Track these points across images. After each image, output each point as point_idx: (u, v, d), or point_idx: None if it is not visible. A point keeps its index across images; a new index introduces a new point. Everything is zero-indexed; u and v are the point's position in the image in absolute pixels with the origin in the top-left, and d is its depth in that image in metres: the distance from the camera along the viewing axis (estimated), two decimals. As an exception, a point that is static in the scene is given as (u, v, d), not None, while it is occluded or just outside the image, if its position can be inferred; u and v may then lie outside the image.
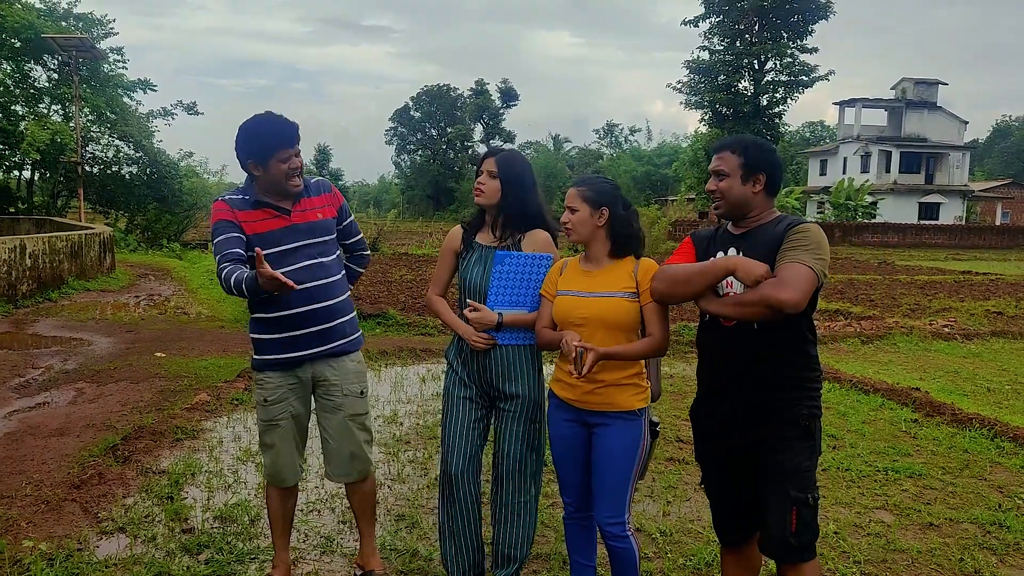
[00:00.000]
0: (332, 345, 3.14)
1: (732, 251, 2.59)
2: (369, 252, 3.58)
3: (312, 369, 3.14)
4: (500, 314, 2.99)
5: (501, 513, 3.15)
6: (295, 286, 2.75)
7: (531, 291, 3.03)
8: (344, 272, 3.26)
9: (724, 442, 2.68)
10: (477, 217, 3.20)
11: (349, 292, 3.27)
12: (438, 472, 3.33)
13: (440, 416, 3.30)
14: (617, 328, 2.77)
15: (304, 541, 3.75)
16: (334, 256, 3.19)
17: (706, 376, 2.75)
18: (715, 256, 2.62)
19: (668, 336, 2.78)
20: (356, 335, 3.27)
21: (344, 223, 3.29)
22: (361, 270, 3.50)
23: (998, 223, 50.65)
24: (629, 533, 2.85)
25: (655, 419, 2.95)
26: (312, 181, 3.19)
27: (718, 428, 2.69)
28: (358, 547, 3.47)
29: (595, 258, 2.88)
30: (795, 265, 2.39)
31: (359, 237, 3.44)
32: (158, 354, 8.32)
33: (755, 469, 2.60)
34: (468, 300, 3.05)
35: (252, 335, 3.16)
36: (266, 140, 2.93)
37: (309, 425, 3.32)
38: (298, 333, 3.06)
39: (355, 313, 3.31)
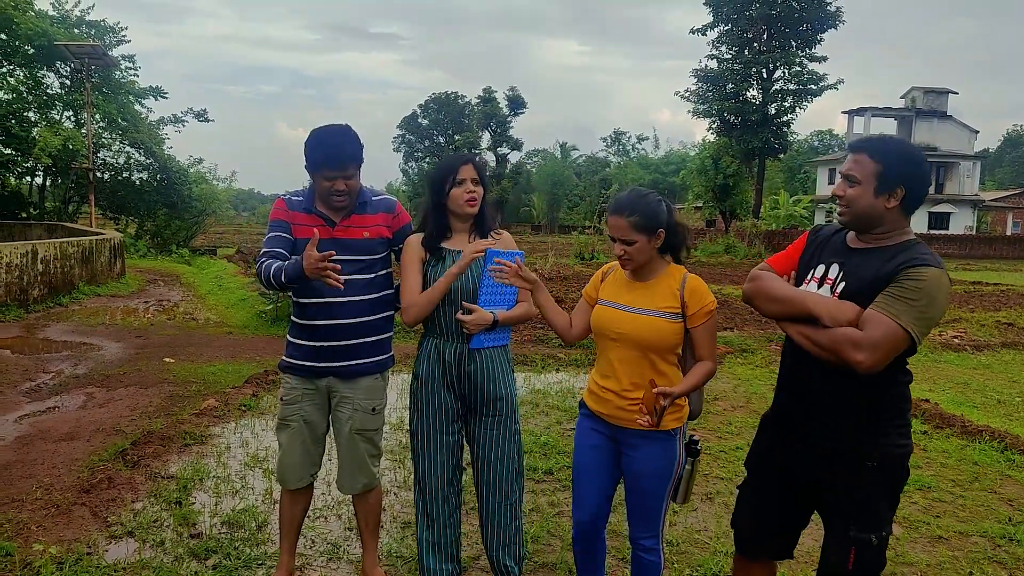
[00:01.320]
0: (348, 364, 3.12)
1: (834, 268, 2.37)
2: None
3: (327, 381, 3.16)
4: (494, 313, 2.97)
5: (491, 519, 3.13)
6: (339, 282, 2.71)
7: (510, 289, 3.01)
8: (386, 293, 3.19)
9: (783, 461, 2.54)
10: (438, 225, 3.08)
11: (390, 313, 3.22)
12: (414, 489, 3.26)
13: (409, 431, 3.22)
14: (651, 348, 2.66)
15: (311, 547, 3.76)
16: (373, 275, 3.13)
17: (781, 388, 2.58)
18: (816, 268, 2.42)
19: (717, 357, 2.73)
20: (381, 357, 3.21)
21: (398, 246, 3.22)
22: None
23: (1008, 233, 50.43)
24: (660, 547, 2.83)
25: (695, 437, 2.81)
26: (376, 198, 3.16)
27: (781, 445, 2.55)
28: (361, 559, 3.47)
29: (644, 272, 2.74)
30: (885, 321, 2.13)
31: None
32: (167, 359, 8.36)
33: (812, 497, 2.49)
34: (463, 303, 2.97)
35: (287, 336, 3.21)
36: (317, 156, 2.96)
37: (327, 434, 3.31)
38: (318, 345, 3.08)
39: (390, 335, 3.26)
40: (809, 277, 2.45)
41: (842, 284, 2.33)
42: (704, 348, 2.68)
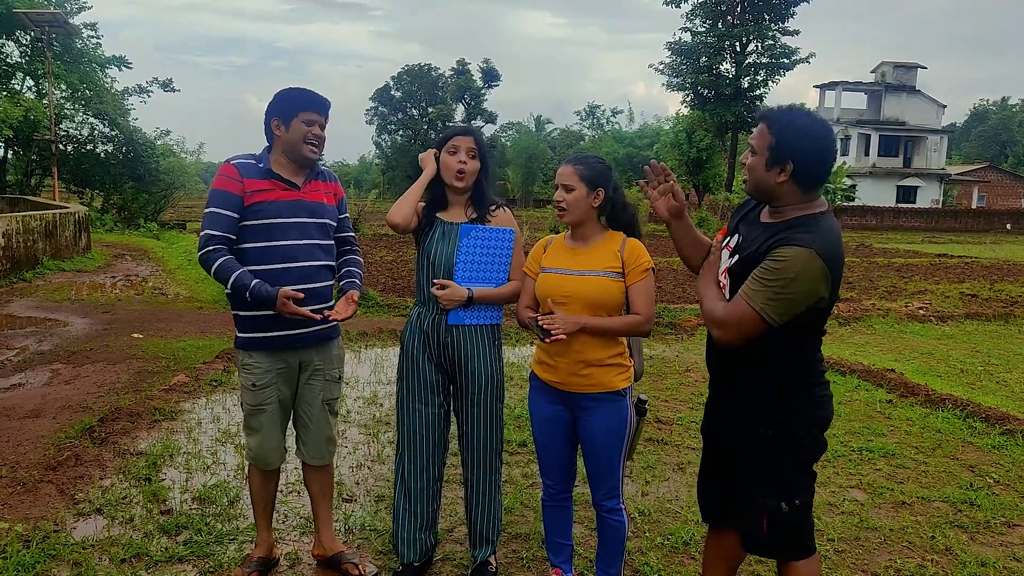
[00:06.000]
0: (317, 328, 3.10)
1: (737, 238, 2.43)
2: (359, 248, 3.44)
3: (299, 354, 3.13)
4: (470, 290, 2.96)
5: (473, 493, 3.17)
6: (314, 316, 2.91)
7: (496, 266, 3.01)
8: (334, 260, 3.21)
9: (710, 428, 2.64)
10: (434, 194, 3.08)
11: (334, 280, 3.24)
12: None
13: (395, 403, 3.25)
14: (600, 307, 2.75)
15: (284, 522, 3.75)
16: (331, 242, 3.18)
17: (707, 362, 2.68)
18: (732, 236, 2.47)
19: (653, 317, 2.79)
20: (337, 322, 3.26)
21: (340, 216, 3.24)
22: (360, 260, 3.38)
23: (974, 206, 51.25)
24: (623, 507, 2.92)
25: (642, 397, 2.96)
26: (324, 168, 3.19)
27: (708, 412, 2.66)
28: (317, 534, 3.38)
29: (583, 237, 2.84)
30: (739, 302, 2.22)
31: (350, 234, 3.33)
32: (135, 335, 8.24)
33: (733, 461, 2.55)
34: (434, 279, 2.98)
35: (235, 311, 3.11)
36: (296, 100, 2.95)
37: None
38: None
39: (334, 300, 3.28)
40: (724, 244, 2.52)
41: (735, 258, 2.37)
42: (639, 305, 2.75)
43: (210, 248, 2.88)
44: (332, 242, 3.18)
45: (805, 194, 2.28)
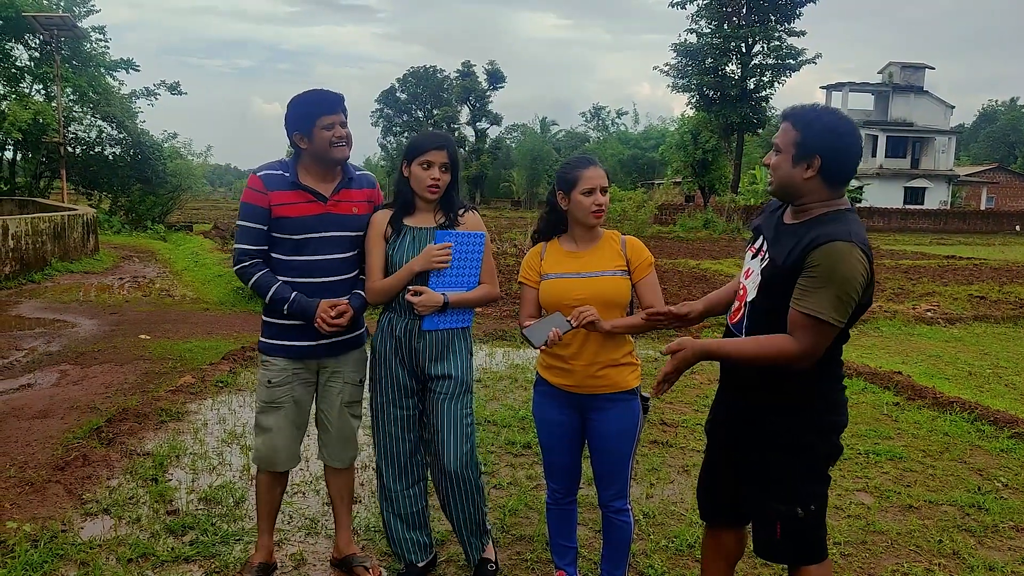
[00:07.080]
0: (341, 339, 3.11)
1: (762, 240, 2.41)
2: None
3: (320, 360, 3.13)
4: (445, 295, 2.93)
5: (447, 503, 3.13)
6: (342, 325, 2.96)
7: (468, 270, 2.99)
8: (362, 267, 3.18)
9: (717, 429, 2.64)
10: (403, 200, 3.03)
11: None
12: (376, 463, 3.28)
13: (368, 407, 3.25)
14: (614, 305, 2.76)
15: (289, 523, 3.76)
16: (359, 252, 3.12)
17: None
18: (758, 239, 2.45)
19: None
20: (362, 329, 3.26)
21: None
22: None
23: (983, 208, 51.08)
24: (629, 508, 2.92)
25: (644, 394, 2.96)
26: (358, 173, 3.13)
27: (716, 413, 2.66)
28: (334, 536, 3.43)
29: (587, 239, 2.84)
30: (813, 325, 2.14)
31: None
32: (142, 336, 8.27)
33: (741, 465, 2.53)
34: (409, 286, 2.93)
35: (264, 316, 3.13)
36: (309, 107, 2.90)
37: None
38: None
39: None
40: (748, 247, 2.52)
41: (766, 261, 2.35)
42: (653, 298, 2.80)
43: (246, 263, 2.98)
44: (359, 252, 3.11)
45: (831, 191, 2.28)
